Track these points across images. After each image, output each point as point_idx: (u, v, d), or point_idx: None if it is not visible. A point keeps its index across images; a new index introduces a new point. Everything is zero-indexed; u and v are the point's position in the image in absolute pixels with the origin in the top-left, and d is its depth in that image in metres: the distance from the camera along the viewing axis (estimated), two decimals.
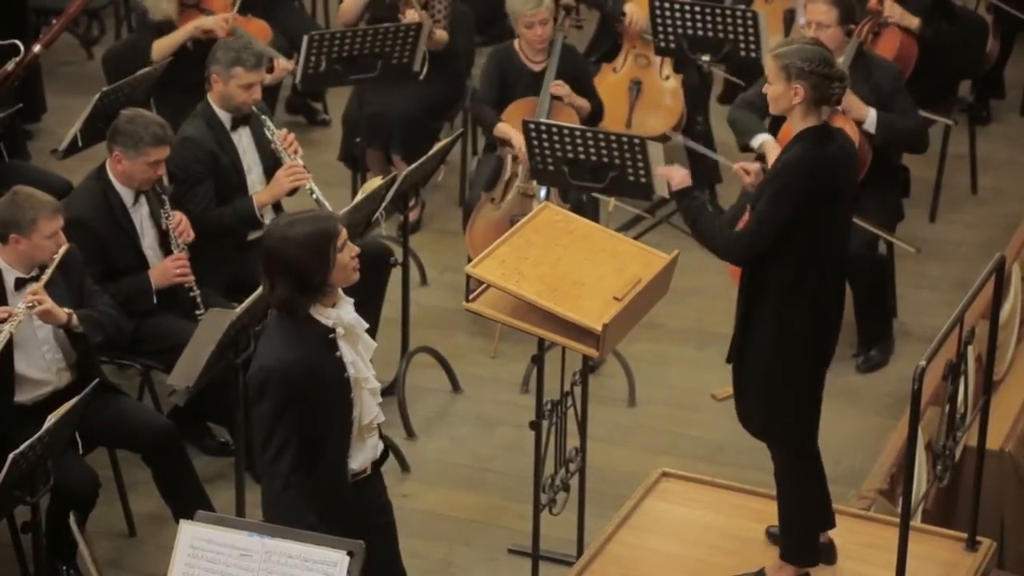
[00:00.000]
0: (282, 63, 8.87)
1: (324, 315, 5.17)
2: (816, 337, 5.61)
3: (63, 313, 6.35)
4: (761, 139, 7.60)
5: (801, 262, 5.51)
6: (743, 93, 8.01)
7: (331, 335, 5.17)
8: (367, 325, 5.36)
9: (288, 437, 5.10)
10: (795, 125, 5.52)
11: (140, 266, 7.06)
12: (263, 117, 7.52)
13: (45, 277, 6.34)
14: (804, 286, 5.52)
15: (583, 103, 8.51)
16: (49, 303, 6.29)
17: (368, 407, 5.30)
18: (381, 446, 5.45)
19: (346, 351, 5.21)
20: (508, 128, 8.33)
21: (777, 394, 5.64)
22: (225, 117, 7.49)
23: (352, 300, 5.30)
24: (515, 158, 8.25)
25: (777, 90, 5.50)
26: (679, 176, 5.75)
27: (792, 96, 5.46)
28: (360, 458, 5.34)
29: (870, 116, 7.66)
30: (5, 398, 6.36)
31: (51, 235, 6.35)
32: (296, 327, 5.14)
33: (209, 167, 7.43)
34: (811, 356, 5.63)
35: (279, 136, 7.53)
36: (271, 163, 7.55)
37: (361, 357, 5.29)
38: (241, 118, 7.50)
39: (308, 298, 5.12)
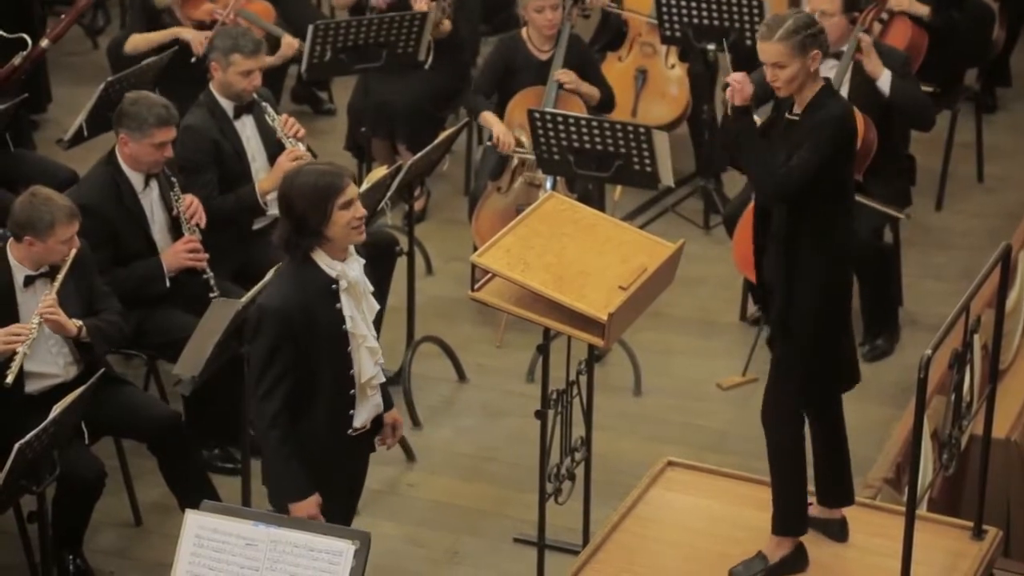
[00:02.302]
0: (287, 39, 8.85)
1: (329, 266, 5.34)
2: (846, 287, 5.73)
3: (73, 327, 6.36)
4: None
5: (832, 212, 5.59)
6: None
7: (334, 286, 5.34)
8: (372, 288, 5.48)
9: (281, 376, 5.29)
10: (811, 88, 5.58)
11: (149, 252, 7.04)
12: (264, 104, 7.49)
13: (57, 283, 6.34)
14: (836, 234, 5.59)
15: (591, 90, 8.48)
16: (61, 316, 6.30)
17: (366, 365, 5.46)
18: (382, 406, 5.63)
19: (347, 305, 5.38)
20: (491, 117, 8.37)
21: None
22: (228, 105, 7.47)
23: (363, 261, 5.45)
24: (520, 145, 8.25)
25: (795, 68, 5.53)
26: (747, 91, 5.68)
27: (811, 64, 5.54)
28: (363, 415, 5.52)
29: (884, 75, 7.66)
30: (15, 390, 6.35)
31: (66, 240, 6.35)
32: (300, 272, 5.34)
33: (212, 155, 7.41)
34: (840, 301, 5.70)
35: (279, 122, 7.51)
36: (276, 151, 7.50)
37: (363, 316, 5.44)
38: (244, 106, 7.48)
39: (305, 241, 5.30)
